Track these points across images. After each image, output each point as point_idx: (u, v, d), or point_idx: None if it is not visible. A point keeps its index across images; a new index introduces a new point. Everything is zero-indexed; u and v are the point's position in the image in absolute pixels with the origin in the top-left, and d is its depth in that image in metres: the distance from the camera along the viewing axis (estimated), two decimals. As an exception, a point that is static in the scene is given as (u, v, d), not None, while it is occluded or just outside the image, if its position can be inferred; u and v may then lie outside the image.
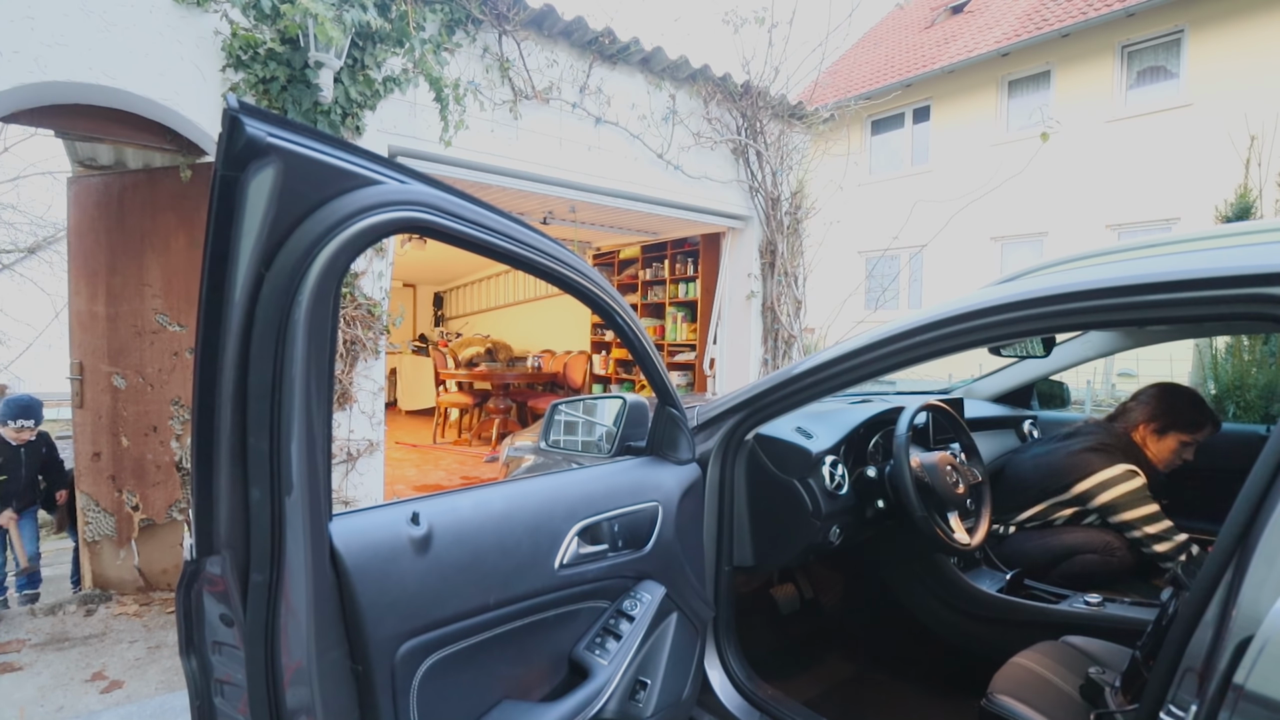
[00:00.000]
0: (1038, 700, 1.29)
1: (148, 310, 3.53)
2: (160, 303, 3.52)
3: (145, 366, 3.55)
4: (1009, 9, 11.19)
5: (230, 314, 0.84)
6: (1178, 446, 2.17)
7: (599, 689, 1.24)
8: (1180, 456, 2.19)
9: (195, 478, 0.89)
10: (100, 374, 3.57)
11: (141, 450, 3.57)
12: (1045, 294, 1.10)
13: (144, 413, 3.53)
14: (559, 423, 1.86)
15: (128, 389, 3.57)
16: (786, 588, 2.31)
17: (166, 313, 3.52)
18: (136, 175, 3.69)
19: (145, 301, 3.53)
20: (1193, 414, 2.18)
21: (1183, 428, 2.17)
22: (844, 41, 8.71)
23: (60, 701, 2.58)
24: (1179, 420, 2.18)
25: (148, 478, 3.56)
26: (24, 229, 12.33)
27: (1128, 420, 2.26)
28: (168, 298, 3.52)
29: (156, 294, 3.52)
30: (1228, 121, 7.53)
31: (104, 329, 3.55)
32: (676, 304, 7.28)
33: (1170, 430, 2.18)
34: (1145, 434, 2.21)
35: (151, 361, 3.55)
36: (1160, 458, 2.20)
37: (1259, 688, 0.72)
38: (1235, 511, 0.84)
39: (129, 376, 3.55)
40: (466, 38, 3.65)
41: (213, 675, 0.97)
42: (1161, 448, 2.19)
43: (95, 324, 3.57)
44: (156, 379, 3.55)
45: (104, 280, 3.56)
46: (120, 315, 3.55)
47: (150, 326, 3.53)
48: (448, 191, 1.00)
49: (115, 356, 3.57)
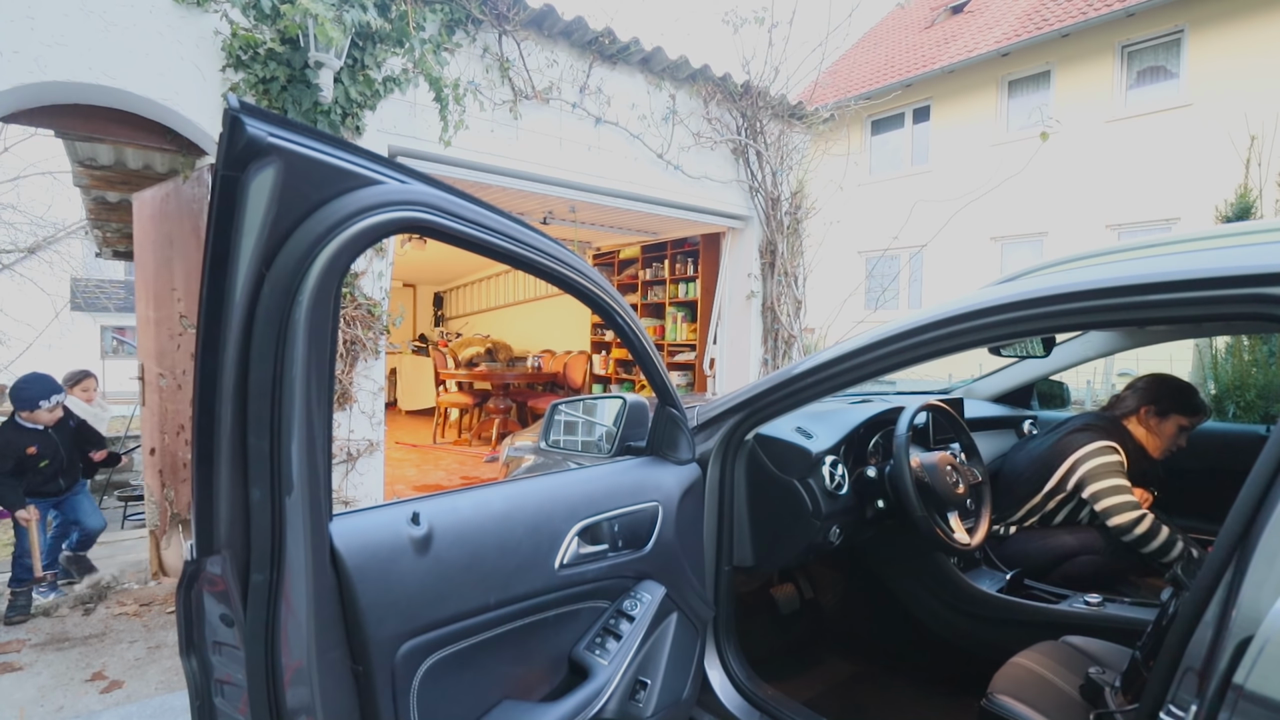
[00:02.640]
0: (1038, 700, 1.29)
1: (175, 314, 3.62)
2: (183, 306, 3.59)
3: (176, 368, 3.66)
4: (1009, 9, 11.19)
5: (231, 314, 0.84)
6: (1177, 430, 2.20)
7: (599, 689, 1.24)
8: (1176, 443, 2.21)
9: (195, 477, 0.89)
10: (153, 375, 3.77)
11: (175, 448, 3.66)
12: (1045, 294, 1.10)
13: (176, 412, 3.63)
14: (559, 423, 1.86)
15: (167, 389, 3.69)
16: (786, 588, 2.31)
17: (188, 315, 3.59)
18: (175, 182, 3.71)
19: (173, 306, 3.62)
20: (1191, 398, 2.22)
21: (1182, 410, 2.20)
22: (844, 41, 8.71)
23: (60, 701, 2.58)
24: (1178, 403, 2.20)
25: (179, 474, 3.65)
26: (24, 229, 12.34)
27: (1122, 408, 2.28)
28: (188, 300, 3.58)
29: (180, 297, 3.60)
30: (1228, 121, 7.53)
31: (153, 333, 3.77)
32: (676, 304, 7.28)
33: (1171, 412, 2.20)
34: (1145, 419, 2.23)
35: (181, 363, 3.65)
36: (1159, 443, 2.21)
37: (1259, 688, 0.72)
38: (1235, 511, 0.84)
39: (168, 376, 3.68)
40: (466, 38, 3.65)
41: (213, 675, 0.97)
42: (1163, 431, 2.21)
43: (148, 329, 3.81)
44: (185, 380, 3.63)
45: (152, 287, 3.78)
46: (161, 320, 3.72)
47: (177, 329, 3.62)
48: (448, 191, 1.00)
49: (160, 358, 3.73)
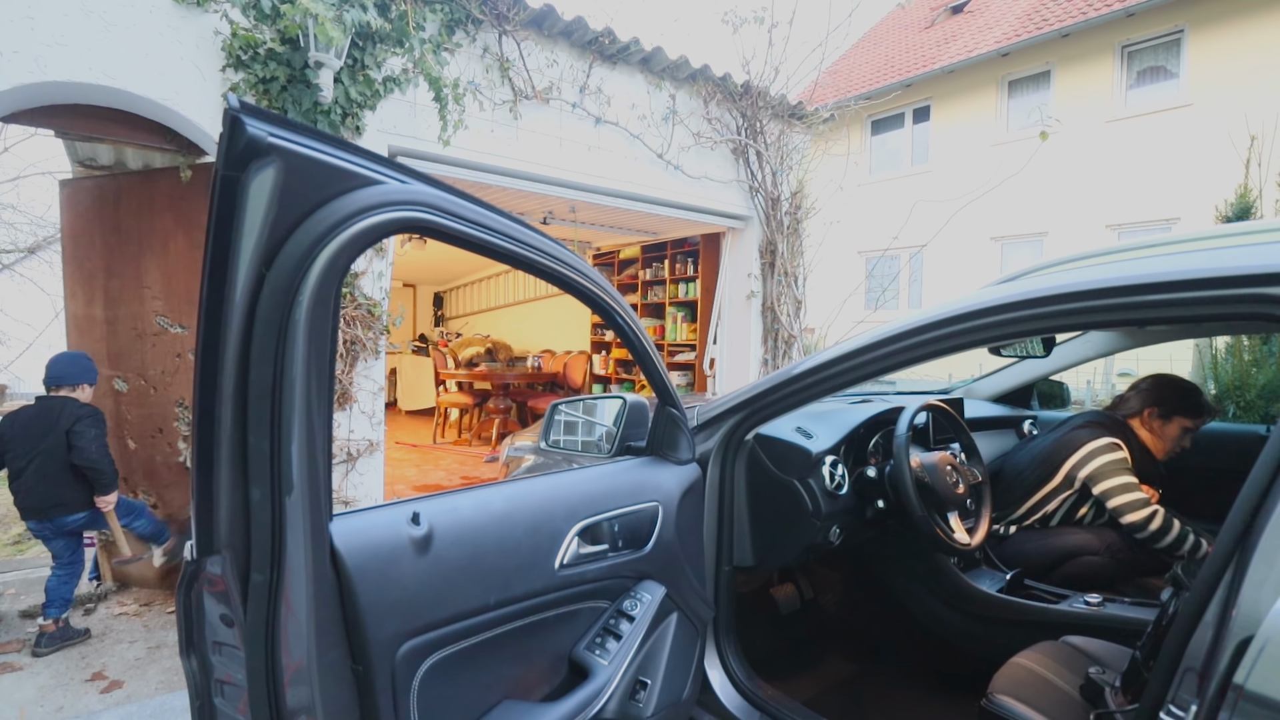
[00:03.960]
0: (1038, 700, 1.29)
1: (148, 313, 3.52)
2: (161, 304, 3.51)
3: (147, 369, 3.54)
4: (1009, 9, 11.19)
5: (231, 314, 0.84)
6: (1180, 433, 2.20)
7: (599, 689, 1.24)
8: (1180, 444, 2.21)
9: (196, 478, 0.89)
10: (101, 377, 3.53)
11: (150, 452, 3.58)
12: (1045, 294, 1.10)
13: (148, 415, 3.52)
14: (559, 423, 1.86)
15: (130, 392, 3.56)
16: (786, 588, 2.31)
17: (167, 315, 3.51)
18: (132, 177, 3.66)
19: (145, 304, 3.52)
20: (1194, 400, 2.22)
21: (1185, 412, 2.20)
22: (844, 41, 8.71)
23: (60, 701, 2.58)
24: (1182, 405, 2.20)
25: (160, 478, 3.57)
26: (24, 229, 12.32)
27: (1126, 409, 2.28)
28: (168, 299, 3.51)
29: (156, 296, 3.51)
30: (1228, 121, 7.53)
31: (103, 332, 3.55)
32: (676, 304, 7.28)
33: (1175, 415, 2.20)
34: (1148, 420, 2.24)
35: (154, 364, 3.54)
36: (1163, 444, 2.22)
37: (1259, 688, 0.72)
38: (1235, 511, 0.84)
39: (130, 379, 3.54)
40: (466, 38, 3.65)
41: (213, 675, 0.97)
42: (1166, 433, 2.21)
43: (93, 327, 3.56)
44: (160, 381, 3.54)
45: (102, 284, 3.56)
46: (120, 319, 3.54)
47: (151, 329, 3.52)
48: (448, 191, 1.00)
49: (116, 360, 3.58)
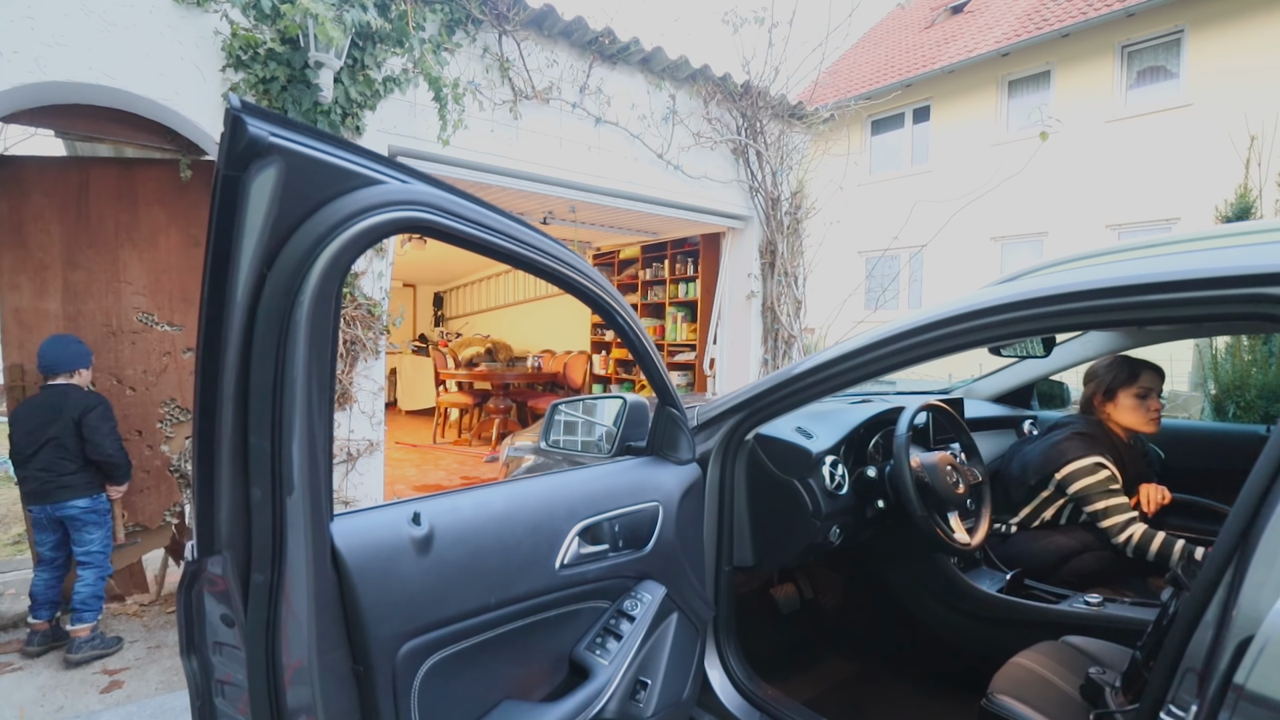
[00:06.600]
0: (1038, 700, 1.29)
1: (126, 309, 3.33)
2: (144, 301, 3.35)
3: (124, 368, 3.33)
4: (1009, 9, 11.19)
5: (232, 314, 0.84)
6: (1135, 403, 2.18)
7: (599, 689, 1.24)
8: (1148, 409, 2.18)
9: (196, 478, 0.89)
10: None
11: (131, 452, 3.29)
12: (1045, 294, 1.10)
13: (123, 416, 3.25)
14: (559, 423, 1.86)
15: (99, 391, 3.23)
16: (786, 588, 2.31)
17: (153, 312, 3.36)
18: (105, 165, 3.39)
19: (123, 299, 3.31)
20: (1123, 369, 2.21)
21: (1122, 383, 2.19)
22: (844, 41, 8.69)
23: (60, 701, 2.58)
24: (1115, 379, 2.21)
25: (133, 483, 3.28)
26: None
27: (1089, 406, 2.30)
28: (154, 296, 3.37)
29: (138, 292, 3.34)
30: (1228, 121, 7.53)
31: (59, 328, 3.23)
32: (676, 304, 7.28)
33: (1115, 390, 2.21)
34: (1101, 407, 2.24)
35: (133, 363, 3.35)
36: (1131, 419, 2.20)
37: (1259, 688, 0.72)
38: (1235, 511, 0.84)
39: (99, 379, 3.27)
40: (466, 38, 3.65)
41: (213, 675, 0.97)
42: (1120, 412, 2.21)
43: (45, 322, 3.23)
44: (140, 381, 3.37)
45: (59, 275, 3.25)
46: (84, 314, 3.27)
47: (130, 326, 3.33)
48: (449, 191, 1.00)
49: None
